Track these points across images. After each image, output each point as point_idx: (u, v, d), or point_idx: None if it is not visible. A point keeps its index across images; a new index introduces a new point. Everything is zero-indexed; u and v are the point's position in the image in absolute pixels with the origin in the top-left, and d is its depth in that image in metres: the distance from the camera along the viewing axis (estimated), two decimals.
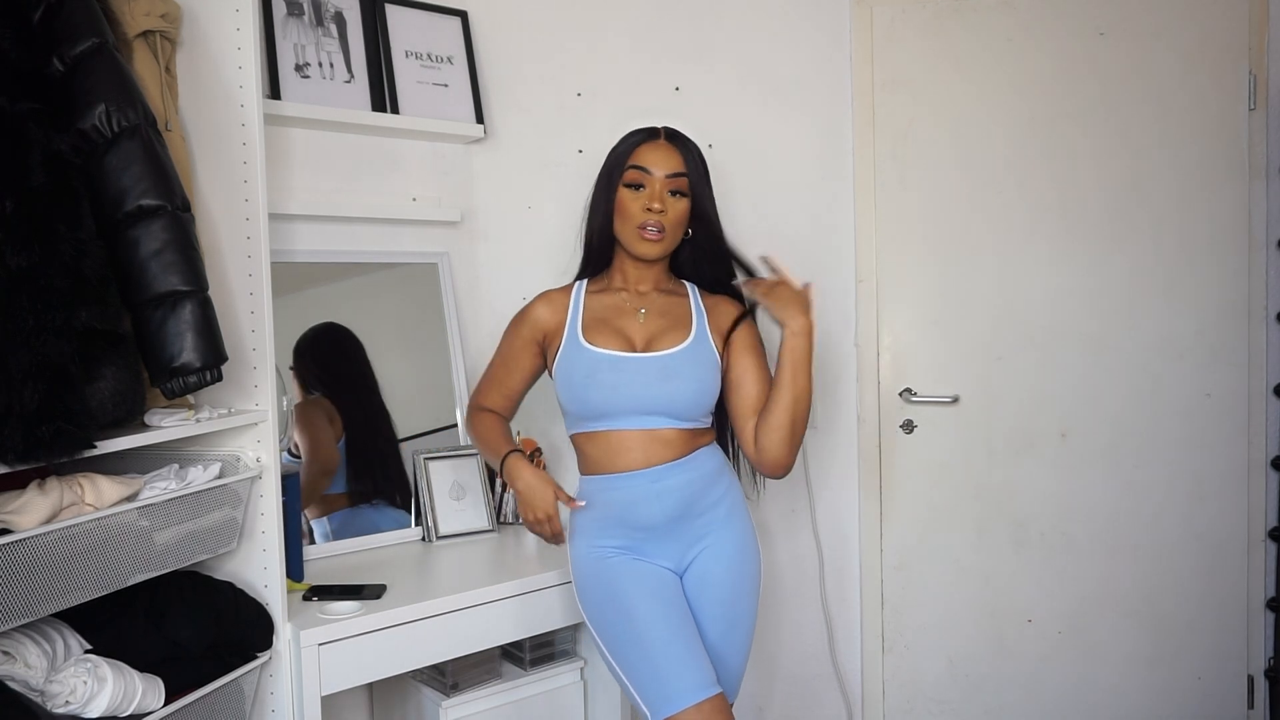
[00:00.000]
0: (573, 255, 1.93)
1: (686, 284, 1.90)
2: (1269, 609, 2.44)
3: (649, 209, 1.76)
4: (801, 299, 1.75)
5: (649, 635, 1.67)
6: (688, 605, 1.75)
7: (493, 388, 1.94)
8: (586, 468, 1.83)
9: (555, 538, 1.79)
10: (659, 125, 1.85)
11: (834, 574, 2.64)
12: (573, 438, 1.85)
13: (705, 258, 1.87)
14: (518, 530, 2.35)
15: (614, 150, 1.84)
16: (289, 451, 2.18)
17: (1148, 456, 2.48)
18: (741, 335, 1.83)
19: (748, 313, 1.87)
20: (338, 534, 2.19)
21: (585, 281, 1.88)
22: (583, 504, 1.79)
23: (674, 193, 1.78)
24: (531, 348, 1.87)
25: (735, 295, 1.88)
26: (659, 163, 1.78)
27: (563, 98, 2.51)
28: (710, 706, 1.61)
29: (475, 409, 1.96)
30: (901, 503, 2.61)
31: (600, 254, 1.86)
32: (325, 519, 2.20)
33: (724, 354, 1.82)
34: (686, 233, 1.84)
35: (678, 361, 1.75)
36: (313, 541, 2.15)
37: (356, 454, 2.26)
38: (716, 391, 1.80)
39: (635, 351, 1.77)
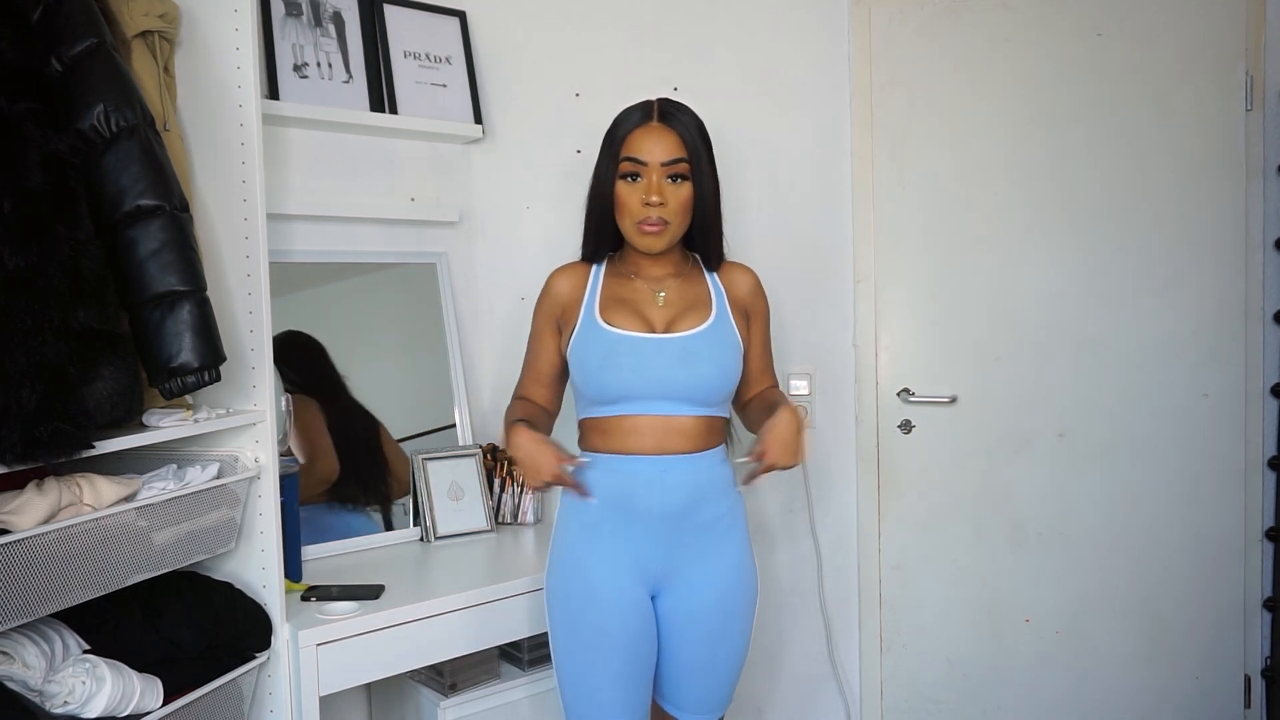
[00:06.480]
0: (572, 254, 1.92)
1: (698, 257, 1.81)
2: (1266, 609, 2.44)
3: (647, 203, 1.65)
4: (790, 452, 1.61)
5: (598, 668, 1.66)
6: (655, 637, 1.70)
7: (527, 375, 1.83)
8: (592, 447, 1.72)
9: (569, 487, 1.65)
10: (654, 99, 1.73)
11: (832, 574, 2.64)
12: (582, 422, 1.75)
13: (701, 235, 1.76)
14: (516, 530, 2.35)
15: (609, 133, 1.72)
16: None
17: (1145, 456, 2.48)
18: (757, 303, 1.80)
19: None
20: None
21: (604, 263, 1.78)
22: (587, 461, 1.66)
23: (673, 178, 1.66)
24: (552, 325, 1.77)
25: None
26: (653, 150, 1.65)
27: (561, 98, 2.51)
28: None
29: (513, 399, 1.84)
30: (899, 503, 2.61)
31: (603, 240, 1.76)
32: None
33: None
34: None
35: (698, 343, 1.67)
36: None
37: (344, 456, 2.25)
38: (738, 375, 1.72)
39: (655, 333, 1.68)
